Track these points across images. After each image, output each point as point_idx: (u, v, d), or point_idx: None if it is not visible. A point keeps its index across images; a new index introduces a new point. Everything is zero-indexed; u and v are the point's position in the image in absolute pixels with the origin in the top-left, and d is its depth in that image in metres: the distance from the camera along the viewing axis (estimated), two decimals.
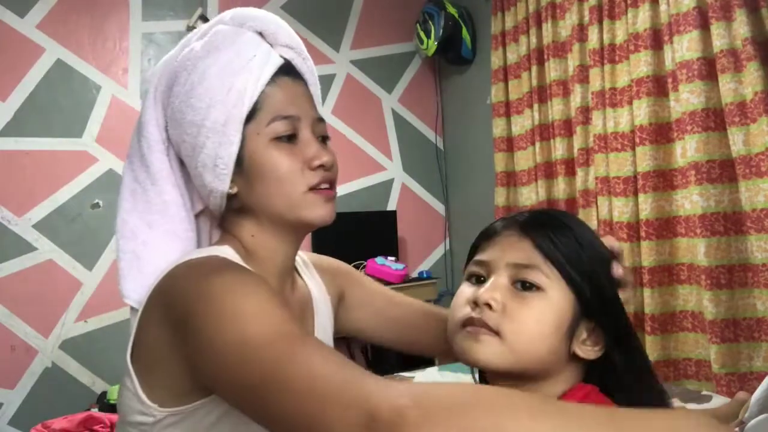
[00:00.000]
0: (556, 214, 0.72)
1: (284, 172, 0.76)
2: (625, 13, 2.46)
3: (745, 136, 2.04)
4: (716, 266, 2.13)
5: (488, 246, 0.71)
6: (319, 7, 3.39)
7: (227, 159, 0.76)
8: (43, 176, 2.70)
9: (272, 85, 0.78)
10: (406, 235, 3.53)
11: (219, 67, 0.76)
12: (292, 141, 0.78)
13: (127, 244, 0.80)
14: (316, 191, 0.78)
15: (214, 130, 0.76)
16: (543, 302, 0.65)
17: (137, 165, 0.83)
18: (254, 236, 0.80)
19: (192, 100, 0.77)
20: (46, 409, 2.38)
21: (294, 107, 0.78)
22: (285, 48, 0.82)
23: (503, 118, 3.17)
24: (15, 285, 2.61)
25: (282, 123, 0.77)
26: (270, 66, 0.78)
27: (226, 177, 0.77)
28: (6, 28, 2.66)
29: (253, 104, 0.76)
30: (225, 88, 0.75)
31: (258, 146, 0.76)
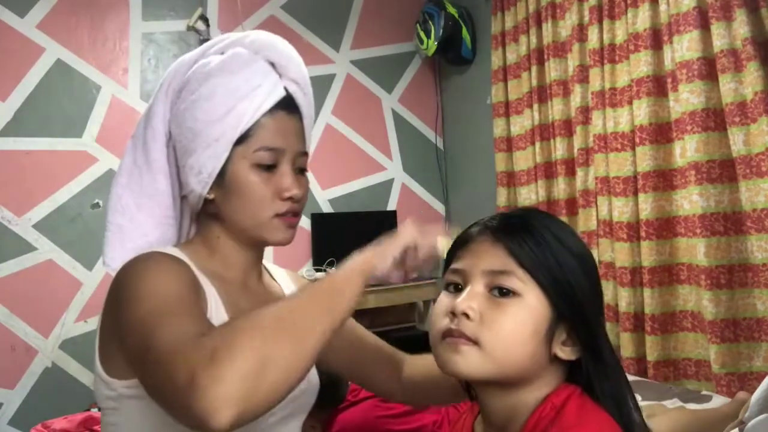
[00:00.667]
0: (529, 216, 0.71)
1: (257, 196, 0.86)
2: (625, 13, 2.46)
3: (745, 136, 2.04)
4: (716, 266, 2.13)
5: (463, 254, 0.71)
6: (319, 7, 3.39)
7: (211, 170, 0.85)
8: (43, 176, 2.70)
9: (268, 117, 0.86)
10: None
11: (227, 89, 0.85)
12: (271, 170, 0.87)
13: (116, 218, 0.91)
14: (281, 218, 0.88)
15: (206, 143, 0.84)
16: (520, 308, 0.65)
17: (139, 149, 0.91)
18: (219, 238, 0.91)
19: (196, 110, 0.85)
20: (46, 409, 2.38)
21: (281, 140, 0.87)
22: (291, 82, 0.90)
23: (503, 118, 3.17)
24: (15, 285, 2.61)
25: (266, 153, 0.86)
26: (272, 99, 0.87)
27: (206, 184, 0.86)
28: (6, 28, 2.66)
29: (246, 130, 0.85)
30: (226, 108, 0.84)
31: (241, 168, 0.86)
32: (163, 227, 0.92)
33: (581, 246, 0.71)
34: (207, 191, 0.87)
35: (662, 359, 2.33)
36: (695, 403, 1.77)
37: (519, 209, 0.77)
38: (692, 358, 2.28)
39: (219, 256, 0.90)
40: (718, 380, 2.10)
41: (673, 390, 1.93)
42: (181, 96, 0.88)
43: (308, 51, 3.35)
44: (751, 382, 2.01)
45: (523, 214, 0.73)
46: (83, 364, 2.73)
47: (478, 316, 0.65)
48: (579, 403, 0.65)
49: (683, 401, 1.78)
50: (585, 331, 0.67)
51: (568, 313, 0.66)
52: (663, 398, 1.79)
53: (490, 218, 0.73)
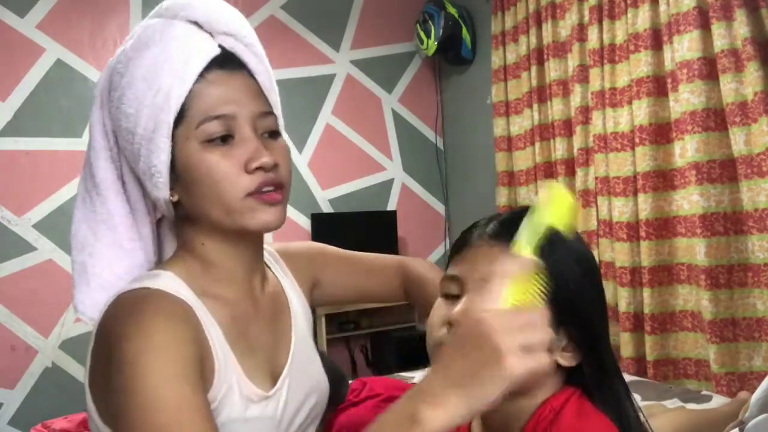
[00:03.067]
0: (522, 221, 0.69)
1: (218, 177, 0.70)
2: (625, 13, 2.46)
3: (746, 136, 2.04)
4: (715, 266, 2.13)
5: (459, 259, 0.69)
6: (319, 7, 3.39)
7: (160, 167, 0.71)
8: (43, 176, 2.70)
9: (201, 82, 0.71)
10: (406, 235, 3.53)
11: (145, 68, 0.70)
12: (228, 142, 0.71)
13: (78, 255, 0.78)
14: (257, 196, 0.71)
15: (145, 138, 0.71)
16: None
17: (87, 173, 0.79)
18: (204, 244, 0.76)
19: (123, 106, 0.72)
20: (46, 409, 2.38)
21: (228, 104, 0.71)
22: (224, 36, 0.74)
23: (504, 118, 3.17)
24: (15, 285, 2.61)
25: (212, 124, 0.70)
26: (198, 60, 0.71)
27: (163, 185, 0.72)
28: (6, 28, 2.66)
29: (180, 106, 0.70)
30: (152, 90, 0.70)
31: (189, 151, 0.71)
32: (128, 254, 0.78)
33: (582, 248, 0.69)
34: (168, 193, 0.73)
35: (662, 359, 2.34)
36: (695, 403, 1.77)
37: (516, 210, 0.72)
38: (692, 357, 2.28)
39: (212, 268, 0.77)
40: (718, 380, 2.10)
41: (673, 390, 1.93)
42: (111, 97, 0.74)
43: (308, 51, 3.35)
44: (750, 382, 2.01)
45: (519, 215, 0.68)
46: (83, 364, 2.72)
47: None
48: (578, 406, 0.64)
49: (683, 401, 1.78)
50: (587, 336, 0.66)
51: (570, 319, 0.65)
52: (663, 398, 1.79)
53: (486, 221, 0.70)
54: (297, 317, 0.87)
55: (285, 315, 0.86)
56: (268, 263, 0.88)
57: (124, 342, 0.64)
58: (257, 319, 0.79)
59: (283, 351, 0.82)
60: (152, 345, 0.64)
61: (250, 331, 0.77)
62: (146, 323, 0.65)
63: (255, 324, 0.78)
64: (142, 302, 0.68)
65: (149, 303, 0.68)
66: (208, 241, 0.76)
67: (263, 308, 0.81)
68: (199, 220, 0.75)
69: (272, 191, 0.72)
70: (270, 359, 0.79)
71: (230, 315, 0.75)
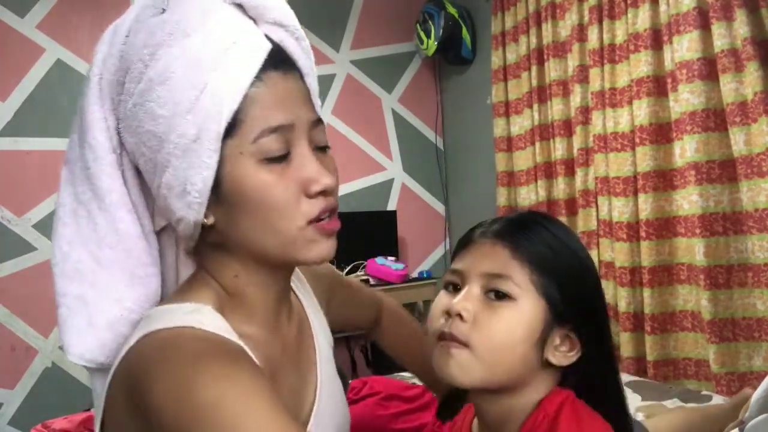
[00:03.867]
0: (532, 219, 0.70)
1: (277, 203, 0.59)
2: (625, 13, 2.46)
3: (746, 136, 2.05)
4: (714, 266, 2.14)
5: (464, 254, 0.70)
6: (319, 7, 3.39)
7: (201, 185, 0.58)
8: (43, 176, 2.70)
9: (258, 85, 0.58)
10: (406, 235, 3.53)
11: (186, 61, 0.56)
12: (284, 160, 0.60)
13: (70, 286, 0.64)
14: (317, 225, 0.61)
15: (181, 147, 0.57)
16: (513, 312, 0.64)
17: (80, 179, 0.64)
18: (237, 276, 0.64)
19: (150, 104, 0.57)
20: (46, 409, 2.38)
21: (286, 112, 0.60)
22: (275, 27, 0.61)
23: (504, 118, 3.17)
24: (15, 285, 2.61)
25: (273, 138, 0.58)
26: (256, 58, 0.58)
27: (199, 206, 0.59)
28: (6, 28, 2.66)
29: (233, 112, 0.57)
30: (196, 90, 0.56)
31: (241, 169, 0.58)
32: (141, 282, 0.63)
33: (582, 249, 0.70)
34: (202, 215, 0.60)
35: (662, 359, 2.34)
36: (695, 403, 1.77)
37: (521, 212, 0.77)
38: (692, 357, 2.28)
39: (243, 303, 0.64)
40: (718, 380, 2.10)
41: (673, 390, 1.93)
42: (125, 88, 0.60)
43: None
44: (750, 382, 2.01)
45: (525, 217, 0.72)
46: None
47: (472, 317, 0.64)
48: (573, 410, 0.64)
49: (683, 401, 1.78)
50: (588, 334, 0.67)
51: (572, 314, 0.66)
52: (663, 398, 1.79)
53: (492, 220, 0.72)
54: (321, 349, 0.77)
55: (310, 349, 0.76)
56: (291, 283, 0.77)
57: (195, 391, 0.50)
58: (284, 359, 0.69)
59: (308, 394, 0.72)
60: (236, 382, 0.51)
61: (278, 375, 0.67)
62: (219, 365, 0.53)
63: (282, 367, 0.69)
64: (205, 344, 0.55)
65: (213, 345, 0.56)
66: (243, 274, 0.64)
67: (289, 346, 0.71)
68: (237, 250, 0.62)
69: (331, 218, 0.62)
70: (296, 405, 0.71)
71: (261, 358, 0.62)
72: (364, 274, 3.11)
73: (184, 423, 0.50)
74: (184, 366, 0.53)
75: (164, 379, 0.52)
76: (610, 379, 0.69)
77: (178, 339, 0.56)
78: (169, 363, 0.54)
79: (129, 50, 0.59)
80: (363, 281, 3.02)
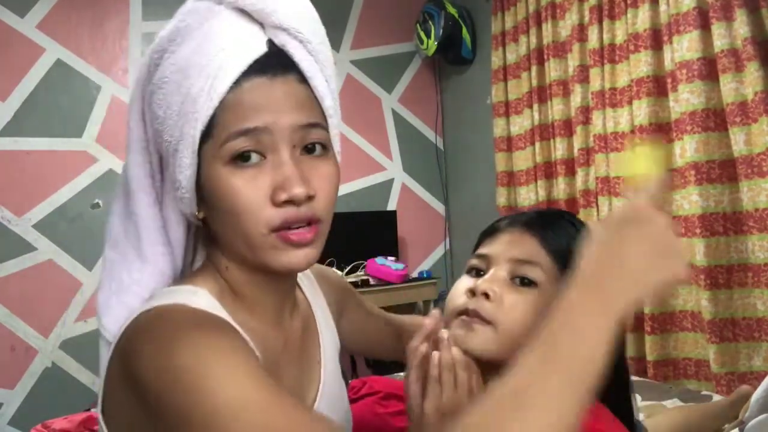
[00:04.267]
0: (558, 215, 0.74)
1: (240, 207, 0.59)
2: (625, 13, 2.46)
3: (746, 136, 2.04)
4: (714, 266, 2.14)
5: (491, 241, 0.72)
6: (319, 7, 3.37)
7: (186, 184, 0.62)
8: (43, 176, 2.70)
9: (236, 90, 0.59)
10: (406, 235, 3.53)
11: (177, 68, 0.59)
12: (259, 162, 0.60)
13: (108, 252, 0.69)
14: (282, 233, 0.60)
15: (172, 147, 0.61)
16: (539, 298, 0.66)
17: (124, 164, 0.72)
18: (228, 269, 0.66)
19: (154, 105, 0.62)
20: (46, 409, 2.38)
21: (261, 116, 0.59)
22: (276, 30, 0.61)
23: (504, 118, 3.17)
24: (15, 285, 2.61)
25: (240, 141, 0.59)
26: (237, 64, 0.59)
27: (188, 201, 0.63)
28: (6, 28, 2.66)
29: (208, 119, 0.59)
30: (180, 95, 0.59)
31: (214, 171, 0.60)
32: (148, 259, 0.68)
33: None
34: (195, 209, 0.64)
35: (662, 359, 2.33)
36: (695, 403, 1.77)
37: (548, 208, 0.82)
38: (692, 357, 2.28)
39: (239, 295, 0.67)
40: (718, 380, 2.10)
41: (673, 390, 1.93)
42: (147, 89, 0.65)
43: None
44: (750, 382, 2.01)
45: (552, 212, 0.75)
46: (83, 364, 2.73)
47: (498, 297, 0.66)
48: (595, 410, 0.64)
49: (683, 401, 1.78)
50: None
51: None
52: (663, 398, 1.79)
53: (519, 213, 0.75)
54: (326, 348, 0.78)
55: (314, 347, 0.77)
56: (299, 281, 0.78)
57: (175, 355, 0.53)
58: (285, 354, 0.70)
59: (310, 391, 0.73)
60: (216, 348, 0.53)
61: (278, 369, 0.68)
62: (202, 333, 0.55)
63: (283, 361, 0.70)
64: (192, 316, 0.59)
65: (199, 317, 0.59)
66: (232, 267, 0.66)
67: (292, 342, 0.72)
68: (222, 244, 0.66)
69: (302, 228, 0.61)
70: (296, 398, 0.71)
71: (260, 350, 0.64)
72: (364, 274, 3.11)
73: (163, 385, 0.52)
74: (167, 332, 0.56)
75: (148, 345, 0.56)
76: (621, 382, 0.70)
77: (167, 312, 0.59)
78: (154, 331, 0.57)
79: (149, 58, 0.64)
80: (363, 281, 3.02)
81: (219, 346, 0.54)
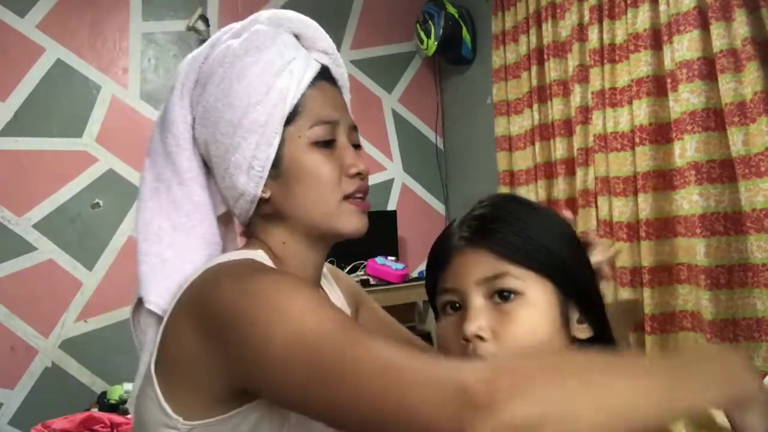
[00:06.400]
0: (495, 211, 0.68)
1: (324, 177, 0.75)
2: (625, 13, 2.46)
3: (744, 136, 2.04)
4: (716, 266, 2.13)
5: (448, 273, 0.68)
6: (319, 7, 3.39)
7: (264, 161, 0.75)
8: (43, 176, 2.70)
9: (313, 88, 0.77)
10: (406, 235, 3.53)
11: (260, 66, 0.75)
12: (330, 147, 0.77)
13: (151, 247, 0.77)
14: (352, 201, 0.77)
15: (252, 131, 0.74)
16: (526, 307, 0.63)
17: (161, 163, 0.80)
18: (285, 243, 0.78)
19: (230, 98, 0.75)
20: (46, 409, 2.38)
21: (334, 112, 0.78)
22: (321, 53, 0.81)
23: (504, 118, 3.17)
24: (15, 285, 2.61)
25: (323, 128, 0.76)
26: (311, 69, 0.78)
27: (260, 180, 0.75)
28: (6, 28, 2.66)
29: (294, 106, 0.75)
30: (266, 87, 0.74)
31: (298, 149, 0.75)
32: (210, 247, 0.78)
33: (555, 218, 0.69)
34: (262, 188, 0.76)
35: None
36: None
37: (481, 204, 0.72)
38: None
39: (285, 266, 0.77)
40: None
41: None
42: (206, 90, 0.77)
43: None
44: None
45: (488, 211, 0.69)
46: (83, 364, 2.73)
47: (490, 333, 0.62)
48: None
49: None
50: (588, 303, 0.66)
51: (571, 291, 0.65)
52: None
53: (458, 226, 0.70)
54: None
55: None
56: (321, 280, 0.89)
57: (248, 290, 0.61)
58: None
59: None
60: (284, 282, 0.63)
61: None
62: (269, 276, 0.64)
63: None
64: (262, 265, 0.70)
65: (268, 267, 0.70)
66: (291, 242, 0.78)
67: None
68: (287, 219, 0.77)
69: (363, 199, 0.78)
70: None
71: None
72: (364, 274, 3.11)
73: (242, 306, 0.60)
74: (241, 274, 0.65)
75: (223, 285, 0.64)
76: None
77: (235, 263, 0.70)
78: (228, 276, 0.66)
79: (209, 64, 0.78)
80: (363, 281, 3.02)
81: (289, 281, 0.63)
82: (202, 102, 0.77)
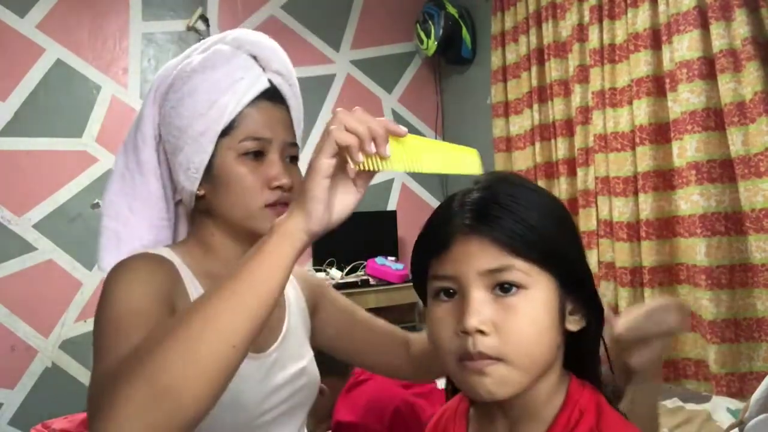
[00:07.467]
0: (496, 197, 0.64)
1: (245, 186, 0.85)
2: (625, 13, 2.46)
3: (744, 136, 2.04)
4: (716, 266, 2.13)
5: (446, 258, 0.64)
6: (319, 7, 3.39)
7: (198, 165, 0.86)
8: (43, 176, 2.70)
9: (252, 107, 0.87)
10: (406, 235, 3.53)
11: (209, 84, 0.86)
12: (259, 159, 0.87)
13: (110, 223, 0.92)
14: (271, 208, 0.86)
15: (193, 138, 0.86)
16: (529, 301, 0.60)
17: (130, 154, 0.93)
18: (214, 236, 0.91)
19: (181, 108, 0.86)
20: (46, 409, 2.38)
21: (267, 130, 0.87)
22: (275, 74, 0.90)
23: (503, 118, 3.17)
24: (15, 285, 2.61)
25: (252, 143, 0.86)
26: (254, 90, 0.87)
27: (195, 180, 0.87)
28: (6, 28, 2.66)
29: (230, 121, 0.85)
30: (209, 103, 0.85)
31: (227, 159, 0.86)
32: (157, 229, 0.93)
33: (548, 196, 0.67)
34: (197, 187, 0.88)
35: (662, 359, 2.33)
36: (694, 403, 1.77)
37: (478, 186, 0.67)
38: (692, 358, 2.28)
39: (215, 254, 0.91)
40: (718, 380, 2.10)
41: (672, 390, 1.93)
42: (167, 97, 0.89)
43: (308, 51, 3.35)
44: (750, 382, 2.01)
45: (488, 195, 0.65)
46: (83, 364, 2.73)
47: (492, 327, 0.60)
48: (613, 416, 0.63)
49: (683, 401, 1.78)
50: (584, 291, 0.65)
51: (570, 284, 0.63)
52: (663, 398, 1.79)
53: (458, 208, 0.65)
54: (292, 315, 0.98)
55: (280, 308, 0.96)
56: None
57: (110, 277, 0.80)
58: None
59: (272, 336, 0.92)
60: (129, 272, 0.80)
61: None
62: (127, 263, 0.81)
63: None
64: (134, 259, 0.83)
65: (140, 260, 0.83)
66: (218, 233, 0.91)
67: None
68: (217, 216, 0.89)
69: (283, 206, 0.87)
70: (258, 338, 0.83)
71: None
72: (364, 274, 3.11)
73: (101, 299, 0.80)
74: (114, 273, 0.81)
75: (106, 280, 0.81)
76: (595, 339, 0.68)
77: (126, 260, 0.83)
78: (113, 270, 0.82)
79: (176, 74, 0.89)
80: (363, 281, 3.02)
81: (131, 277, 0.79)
82: (165, 106, 0.89)
